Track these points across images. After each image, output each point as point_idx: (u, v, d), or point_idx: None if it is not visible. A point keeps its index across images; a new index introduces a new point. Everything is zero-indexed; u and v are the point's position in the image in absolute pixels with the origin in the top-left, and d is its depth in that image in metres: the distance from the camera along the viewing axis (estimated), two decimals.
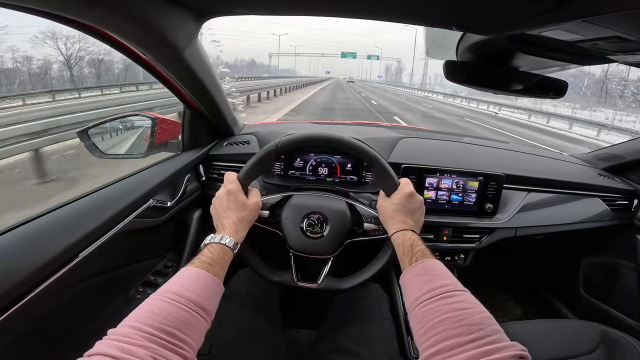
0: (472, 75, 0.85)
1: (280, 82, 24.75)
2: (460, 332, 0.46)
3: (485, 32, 0.64)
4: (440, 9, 0.58)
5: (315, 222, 0.86)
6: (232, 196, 0.74)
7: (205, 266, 0.59)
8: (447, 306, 0.51)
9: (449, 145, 1.38)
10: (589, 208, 1.27)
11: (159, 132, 1.09)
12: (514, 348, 0.44)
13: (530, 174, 1.23)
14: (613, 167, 1.39)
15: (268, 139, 1.19)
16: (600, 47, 0.61)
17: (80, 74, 32.26)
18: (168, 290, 0.52)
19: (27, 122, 4.02)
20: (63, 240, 0.66)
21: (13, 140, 3.64)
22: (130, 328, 0.44)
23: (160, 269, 1.05)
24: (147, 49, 0.70)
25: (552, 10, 0.47)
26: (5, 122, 3.98)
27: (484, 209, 1.12)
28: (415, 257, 0.64)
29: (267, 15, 0.67)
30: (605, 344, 0.93)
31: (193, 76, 0.88)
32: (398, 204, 0.77)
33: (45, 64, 30.28)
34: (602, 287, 1.42)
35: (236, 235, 0.69)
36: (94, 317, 0.80)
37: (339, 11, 0.65)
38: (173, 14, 0.63)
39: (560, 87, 0.84)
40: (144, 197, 0.89)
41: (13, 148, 3.62)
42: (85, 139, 1.00)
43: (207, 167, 1.21)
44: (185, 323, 0.49)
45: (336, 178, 1.12)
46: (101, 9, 0.53)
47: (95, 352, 0.40)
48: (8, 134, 3.64)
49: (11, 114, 6.58)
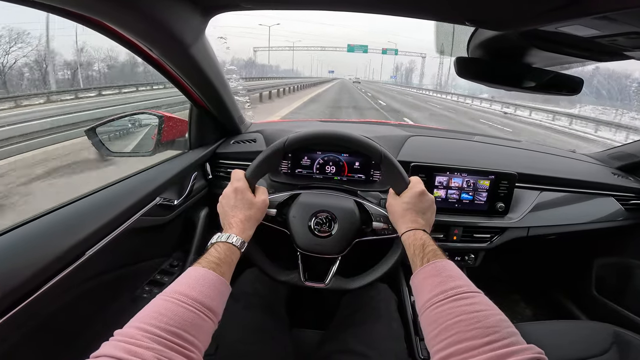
0: (484, 72, 0.83)
1: (263, 84, 19.11)
2: (475, 335, 0.45)
3: (499, 27, 0.62)
4: (453, 3, 0.56)
5: (323, 220, 0.85)
6: (240, 194, 0.74)
7: (212, 266, 0.58)
8: (460, 308, 0.50)
9: (459, 143, 1.36)
10: (602, 208, 1.25)
11: (166, 130, 1.09)
12: (531, 351, 0.42)
13: (543, 173, 1.21)
14: (627, 166, 1.37)
15: (275, 137, 1.19)
16: (619, 43, 0.59)
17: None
18: (174, 290, 0.52)
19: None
20: (70, 238, 0.66)
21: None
22: (137, 329, 0.44)
23: (166, 268, 1.04)
24: (153, 44, 0.70)
25: (571, 5, 0.45)
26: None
27: (495, 208, 1.11)
28: (427, 257, 0.63)
29: (274, 10, 0.66)
30: (618, 345, 0.91)
31: (200, 73, 0.87)
32: (408, 203, 0.75)
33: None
34: (615, 288, 1.39)
35: (243, 234, 0.69)
36: (100, 316, 0.80)
37: (351, 5, 0.63)
38: (179, 9, 0.62)
39: (575, 84, 0.82)
40: (151, 195, 0.89)
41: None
42: (92, 137, 1.00)
43: (214, 165, 1.21)
44: (192, 324, 0.48)
45: (344, 176, 1.11)
46: (107, 2, 0.52)
47: (102, 353, 0.40)
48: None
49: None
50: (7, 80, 21.42)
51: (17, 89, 20.82)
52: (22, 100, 9.70)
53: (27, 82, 22.47)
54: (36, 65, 23.36)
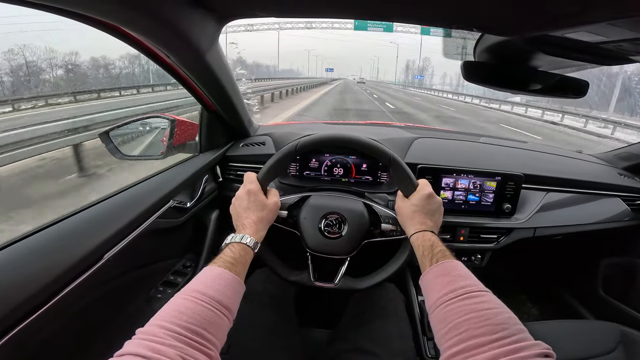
0: (491, 76, 0.84)
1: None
2: (484, 332, 0.46)
3: (507, 33, 0.63)
4: (461, 10, 0.58)
5: (333, 222, 0.87)
6: (252, 196, 0.75)
7: (228, 265, 0.60)
8: (470, 306, 0.51)
9: (466, 145, 1.37)
10: (609, 208, 1.25)
11: (178, 133, 1.11)
12: (539, 347, 0.44)
13: (549, 174, 1.21)
14: (633, 166, 1.37)
15: (283, 140, 1.20)
16: (624, 48, 0.60)
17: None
18: (193, 289, 0.53)
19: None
20: (90, 241, 0.68)
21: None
22: (159, 327, 0.45)
23: (179, 269, 1.06)
24: (170, 51, 0.71)
25: (578, 12, 0.46)
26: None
27: (501, 209, 1.12)
28: (436, 257, 0.64)
29: (287, 17, 0.68)
30: (625, 344, 0.92)
31: (213, 78, 0.89)
32: (417, 205, 0.77)
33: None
34: (621, 288, 1.39)
35: (256, 235, 0.70)
36: (118, 316, 0.82)
37: (359, 13, 0.65)
38: (196, 16, 0.64)
39: (580, 86, 0.83)
40: (166, 198, 0.91)
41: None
42: (106, 140, 1.02)
43: (224, 168, 1.22)
44: (211, 322, 0.50)
45: (351, 178, 1.12)
46: (129, 11, 0.54)
47: (126, 352, 0.41)
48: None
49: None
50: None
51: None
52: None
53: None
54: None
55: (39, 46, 22.40)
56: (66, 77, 22.57)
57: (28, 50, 19.40)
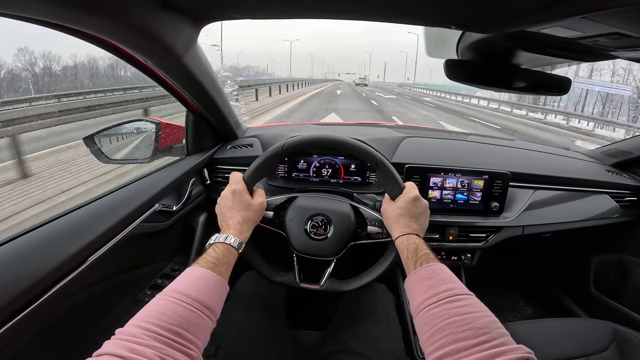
0: (474, 74, 0.84)
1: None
2: (466, 336, 0.47)
3: (484, 30, 0.63)
4: (437, 8, 0.58)
5: (319, 223, 0.86)
6: (237, 196, 0.75)
7: (210, 266, 0.60)
8: (452, 310, 0.52)
9: (453, 144, 1.38)
10: (597, 205, 1.25)
11: (163, 136, 1.11)
12: (520, 351, 0.44)
13: (536, 172, 1.21)
14: (621, 162, 1.37)
15: (271, 142, 1.20)
16: (601, 43, 0.61)
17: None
18: (174, 290, 0.53)
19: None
20: (72, 246, 0.67)
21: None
22: (138, 328, 0.45)
23: (167, 272, 1.06)
24: (147, 55, 0.71)
25: (550, 7, 0.47)
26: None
27: (490, 208, 1.11)
28: (420, 261, 0.64)
29: (264, 19, 0.67)
30: (617, 342, 0.92)
31: (194, 81, 0.89)
32: (403, 208, 0.76)
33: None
34: (613, 285, 1.40)
35: (241, 235, 0.70)
36: (103, 320, 0.82)
37: (336, 13, 0.65)
38: (170, 20, 0.64)
39: (563, 84, 0.83)
40: (150, 202, 0.90)
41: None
42: (90, 144, 1.01)
43: (212, 171, 1.22)
44: (191, 322, 0.49)
45: (340, 179, 1.12)
46: (99, 16, 0.53)
47: (104, 352, 0.41)
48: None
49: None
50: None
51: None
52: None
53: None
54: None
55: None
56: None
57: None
